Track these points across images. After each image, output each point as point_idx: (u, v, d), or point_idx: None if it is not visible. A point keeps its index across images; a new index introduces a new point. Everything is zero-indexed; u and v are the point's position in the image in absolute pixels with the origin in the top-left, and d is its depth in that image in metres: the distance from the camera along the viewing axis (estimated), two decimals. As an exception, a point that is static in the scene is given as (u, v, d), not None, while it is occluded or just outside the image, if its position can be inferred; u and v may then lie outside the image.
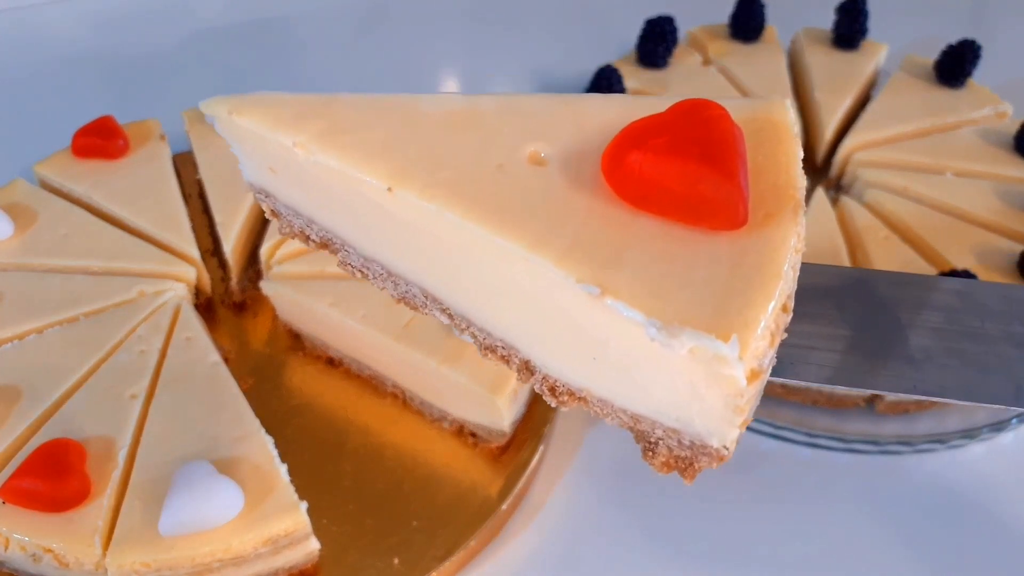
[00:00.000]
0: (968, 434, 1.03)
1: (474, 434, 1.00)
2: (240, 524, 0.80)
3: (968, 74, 1.37)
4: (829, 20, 1.51)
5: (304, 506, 0.82)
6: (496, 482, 0.96)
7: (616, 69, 1.37)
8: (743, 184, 0.47)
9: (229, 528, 0.79)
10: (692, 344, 0.44)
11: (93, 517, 0.80)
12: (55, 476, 0.80)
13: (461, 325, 0.60)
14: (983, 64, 1.37)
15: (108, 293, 1.03)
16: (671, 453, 0.53)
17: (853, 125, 1.35)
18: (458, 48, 1.82)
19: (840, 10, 1.49)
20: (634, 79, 1.42)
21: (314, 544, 0.86)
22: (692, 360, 0.45)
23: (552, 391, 0.56)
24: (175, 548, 0.78)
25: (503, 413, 0.94)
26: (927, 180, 1.24)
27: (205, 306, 1.14)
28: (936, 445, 1.03)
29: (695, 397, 0.48)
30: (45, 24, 1.79)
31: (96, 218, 1.13)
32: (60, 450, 0.82)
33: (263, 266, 1.11)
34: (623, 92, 1.35)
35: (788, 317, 0.49)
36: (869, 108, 1.38)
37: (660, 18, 1.44)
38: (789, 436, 1.04)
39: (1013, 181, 1.24)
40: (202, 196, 1.23)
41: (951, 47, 1.38)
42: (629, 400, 0.53)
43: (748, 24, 1.50)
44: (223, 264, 1.15)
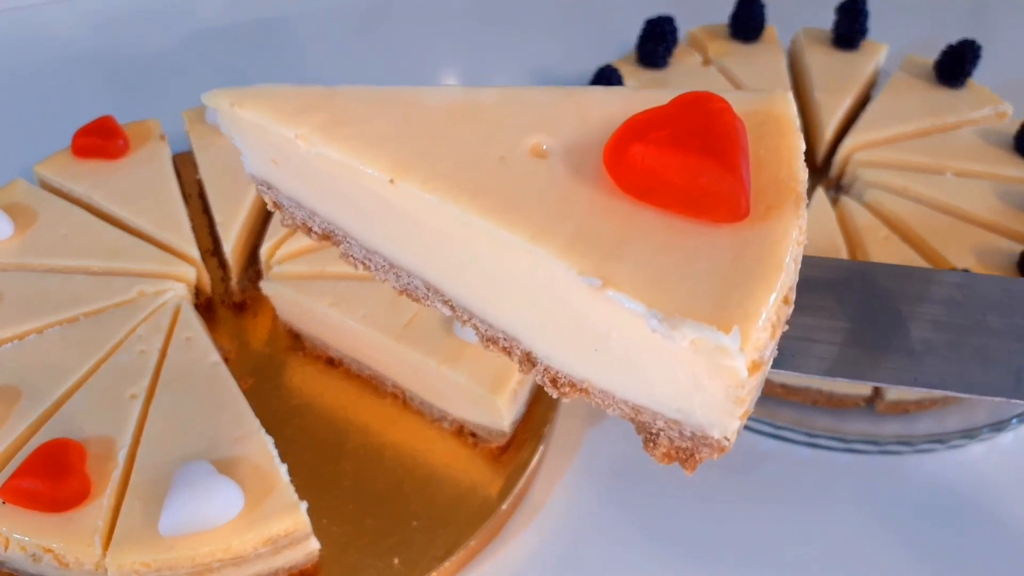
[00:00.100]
0: (968, 434, 1.03)
1: (474, 434, 1.00)
2: (240, 524, 0.80)
3: (968, 74, 1.37)
4: (829, 20, 1.51)
5: (304, 506, 0.82)
6: (496, 482, 0.96)
7: (616, 69, 1.37)
8: (745, 177, 0.48)
9: (229, 528, 0.79)
10: (694, 336, 0.44)
11: (93, 517, 0.80)
12: (55, 476, 0.80)
13: (463, 317, 0.60)
14: (983, 64, 1.37)
15: (108, 293, 1.03)
16: (672, 444, 0.53)
17: (853, 125, 1.35)
18: (458, 48, 1.82)
19: (840, 10, 1.49)
20: (634, 79, 1.42)
21: (314, 544, 0.85)
22: (693, 352, 0.45)
23: (554, 382, 0.57)
24: (175, 548, 0.78)
25: (503, 413, 0.93)
26: (927, 180, 1.24)
27: (205, 306, 1.13)
28: (936, 445, 1.03)
29: (696, 388, 0.48)
30: (45, 24, 1.79)
31: (96, 218, 1.13)
32: (60, 450, 0.82)
33: (263, 266, 1.10)
34: (623, 91, 1.35)
35: (790, 309, 0.49)
36: (869, 108, 1.37)
37: (660, 18, 1.43)
38: (789, 436, 1.04)
39: (1013, 181, 1.24)
40: (202, 196, 1.23)
41: (951, 47, 1.37)
42: (630, 391, 0.53)
43: (748, 24, 1.50)
44: (223, 264, 1.15)
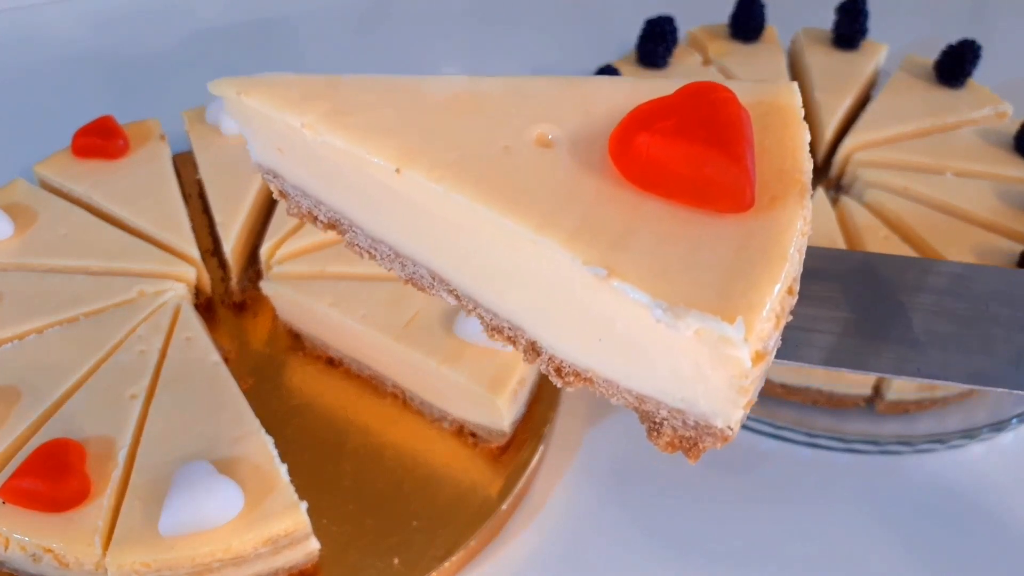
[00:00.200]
0: (968, 434, 1.03)
1: (474, 434, 0.99)
2: (240, 524, 0.79)
3: (968, 74, 1.37)
4: (829, 20, 1.51)
5: (304, 506, 0.82)
6: (496, 482, 0.95)
7: (616, 69, 1.37)
8: (750, 167, 0.47)
9: (229, 528, 0.79)
10: (698, 326, 0.44)
11: (93, 517, 0.80)
12: (55, 476, 0.80)
13: (468, 306, 0.59)
14: (983, 64, 1.37)
15: (108, 293, 1.03)
16: (676, 433, 0.53)
17: (853, 125, 1.35)
18: (458, 48, 1.82)
19: (840, 10, 1.49)
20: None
21: (314, 544, 0.85)
22: (698, 341, 0.45)
23: (558, 372, 0.56)
24: (175, 548, 0.78)
25: (503, 413, 0.93)
26: (927, 180, 1.24)
27: (205, 306, 1.13)
28: (936, 445, 1.02)
29: (700, 378, 0.48)
30: (45, 24, 1.79)
31: (96, 218, 1.13)
32: (60, 450, 0.82)
33: (263, 266, 1.10)
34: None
35: (794, 300, 0.49)
36: (869, 108, 1.37)
37: (660, 18, 1.44)
38: (789, 436, 1.03)
39: (1013, 181, 1.23)
40: (202, 196, 1.23)
41: (951, 47, 1.38)
42: (634, 380, 0.53)
43: (748, 24, 1.50)
44: (223, 264, 1.15)
